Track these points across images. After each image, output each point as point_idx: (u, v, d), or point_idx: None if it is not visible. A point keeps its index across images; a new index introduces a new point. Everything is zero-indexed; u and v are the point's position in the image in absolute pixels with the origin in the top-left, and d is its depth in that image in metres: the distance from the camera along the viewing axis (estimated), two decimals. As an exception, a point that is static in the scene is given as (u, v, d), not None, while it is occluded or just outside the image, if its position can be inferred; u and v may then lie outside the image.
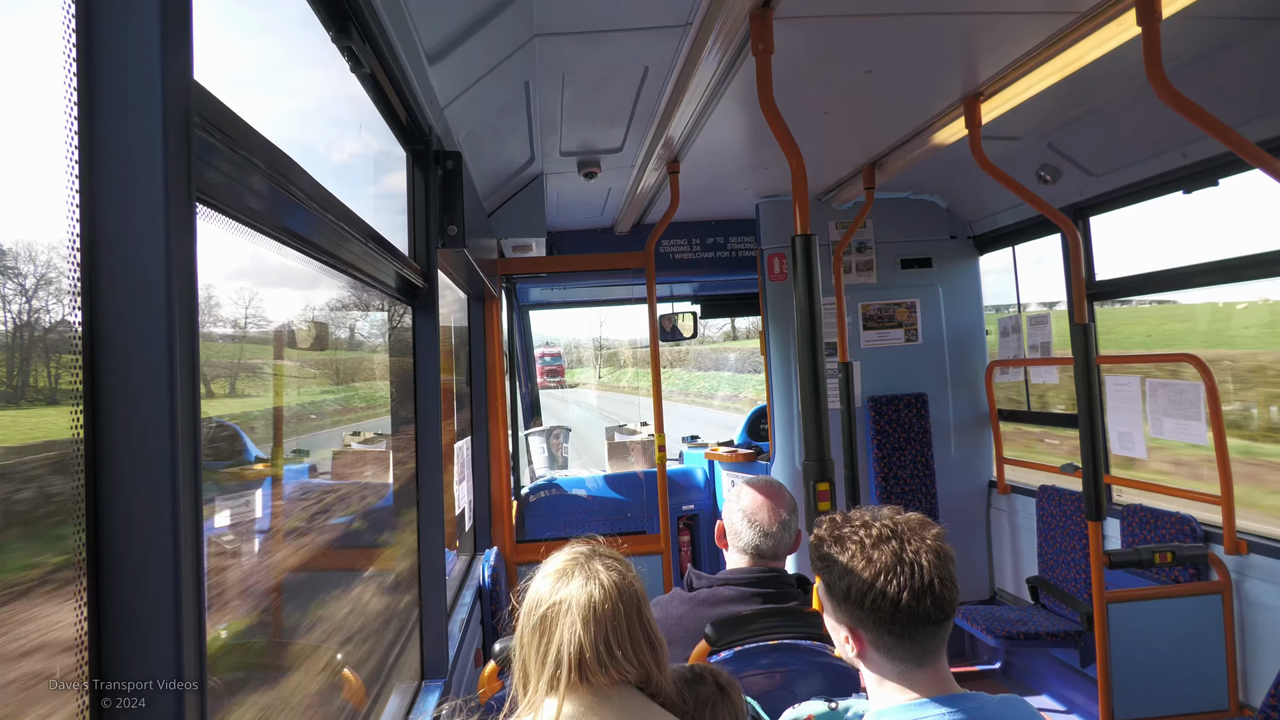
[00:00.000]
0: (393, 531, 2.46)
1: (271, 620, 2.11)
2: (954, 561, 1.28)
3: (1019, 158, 3.80)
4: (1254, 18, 2.42)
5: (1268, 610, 3.00)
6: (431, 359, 2.30)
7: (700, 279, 5.68)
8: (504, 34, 2.22)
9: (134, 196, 0.71)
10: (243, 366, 1.95)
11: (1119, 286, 3.84)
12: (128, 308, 0.71)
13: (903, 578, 1.24)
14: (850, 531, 1.33)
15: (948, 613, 1.26)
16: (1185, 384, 3.27)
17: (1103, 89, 3.03)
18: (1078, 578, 3.92)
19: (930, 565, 1.24)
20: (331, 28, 1.49)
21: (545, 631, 1.31)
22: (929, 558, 1.25)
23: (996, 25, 2.46)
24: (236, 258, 1.27)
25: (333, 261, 1.57)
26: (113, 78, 0.71)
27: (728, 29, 2.23)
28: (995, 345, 4.81)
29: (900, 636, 1.25)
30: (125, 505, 0.71)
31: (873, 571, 1.26)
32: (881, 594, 1.24)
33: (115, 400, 0.71)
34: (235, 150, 0.93)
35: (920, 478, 4.72)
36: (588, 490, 5.23)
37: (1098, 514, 2.96)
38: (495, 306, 4.34)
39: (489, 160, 3.22)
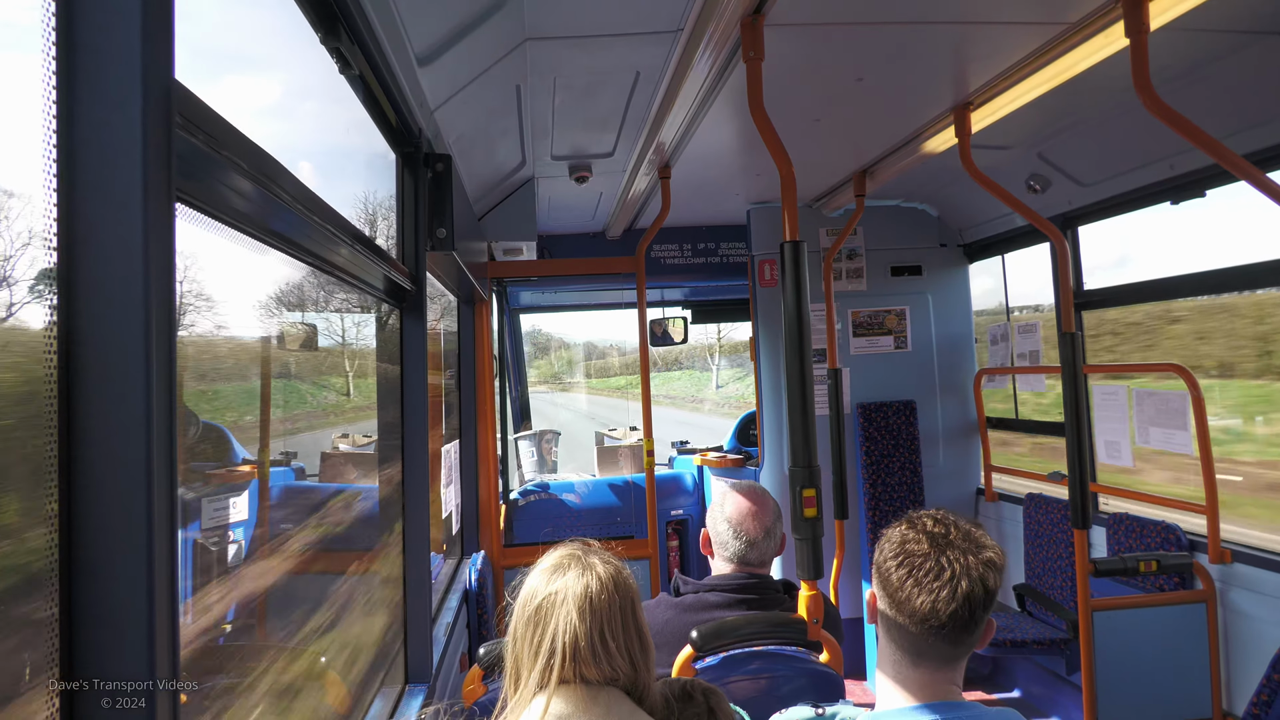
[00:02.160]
0: (378, 534, 2.45)
1: (255, 623, 2.10)
2: (990, 593, 1.26)
3: (1009, 167, 3.82)
4: (1241, 31, 2.44)
5: (1251, 619, 3.01)
6: (419, 362, 2.29)
7: (691, 284, 5.68)
8: (495, 37, 2.22)
9: (113, 195, 0.71)
10: (227, 367, 1.94)
11: (1107, 296, 3.86)
12: (105, 307, 0.71)
13: (941, 591, 1.23)
14: (917, 528, 1.32)
15: (962, 637, 1.26)
16: (1172, 393, 3.28)
17: (1092, 100, 3.04)
18: (1064, 586, 3.93)
19: (965, 590, 1.23)
20: (320, 29, 1.48)
21: (540, 622, 1.31)
22: (970, 578, 1.24)
23: (986, 35, 2.47)
24: (221, 258, 1.26)
25: (319, 263, 1.57)
26: (92, 75, 0.71)
27: (719, 35, 2.24)
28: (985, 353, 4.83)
29: (915, 637, 1.26)
30: (100, 506, 0.70)
31: (912, 570, 1.26)
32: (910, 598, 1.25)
33: (91, 400, 0.70)
34: (218, 151, 0.93)
35: (908, 485, 4.73)
36: (577, 494, 5.22)
37: (1083, 522, 2.96)
38: (485, 310, 4.34)
39: (480, 163, 3.22)
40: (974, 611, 1.23)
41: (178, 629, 0.75)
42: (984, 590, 1.23)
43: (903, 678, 1.30)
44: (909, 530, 1.31)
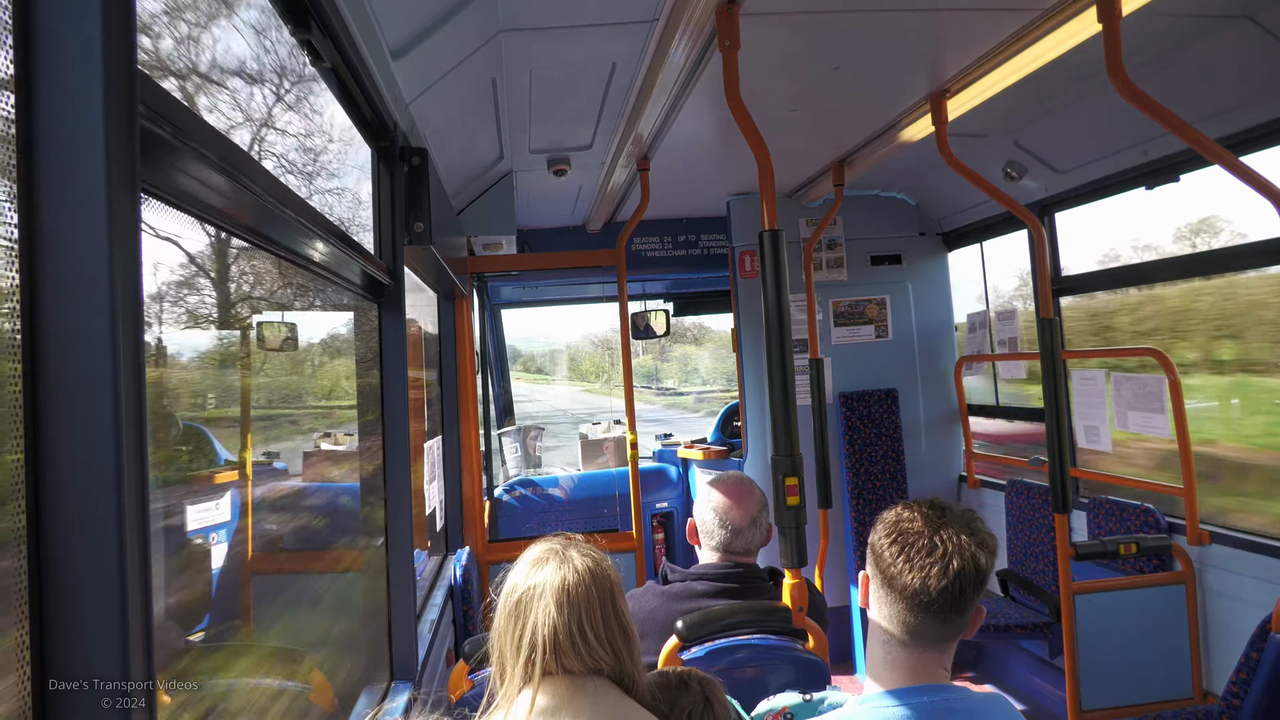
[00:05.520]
0: (361, 532, 2.44)
1: (238, 621, 2.09)
2: (982, 574, 1.27)
3: (985, 155, 3.84)
4: (1211, 15, 2.45)
5: (1230, 599, 3.05)
6: (398, 357, 2.28)
7: (672, 277, 5.68)
8: (469, 29, 2.20)
9: (75, 189, 0.69)
10: (207, 366, 1.93)
11: (1085, 282, 3.89)
12: (70, 305, 0.69)
13: (933, 568, 1.24)
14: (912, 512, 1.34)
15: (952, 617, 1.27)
16: (1149, 377, 3.32)
17: (1066, 86, 3.06)
18: (1046, 570, 3.97)
19: (957, 568, 1.24)
20: (290, 21, 1.46)
21: (520, 616, 1.32)
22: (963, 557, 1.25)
23: (960, 22, 2.48)
24: (192, 252, 1.25)
25: (293, 257, 1.55)
26: (53, 65, 0.69)
27: (694, 25, 2.23)
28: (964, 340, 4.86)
29: (905, 614, 1.27)
30: (70, 506, 0.69)
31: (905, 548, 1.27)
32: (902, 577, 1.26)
33: (57, 401, 0.69)
34: (185, 142, 0.91)
35: (891, 473, 4.76)
36: (561, 489, 5.22)
37: (1064, 507, 2.99)
38: (466, 305, 4.31)
39: (457, 157, 3.20)
40: (964, 590, 1.24)
41: (150, 627, 0.74)
42: (975, 569, 1.24)
43: (891, 659, 1.31)
44: (905, 511, 1.32)
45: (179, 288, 1.60)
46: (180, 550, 1.85)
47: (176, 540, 1.81)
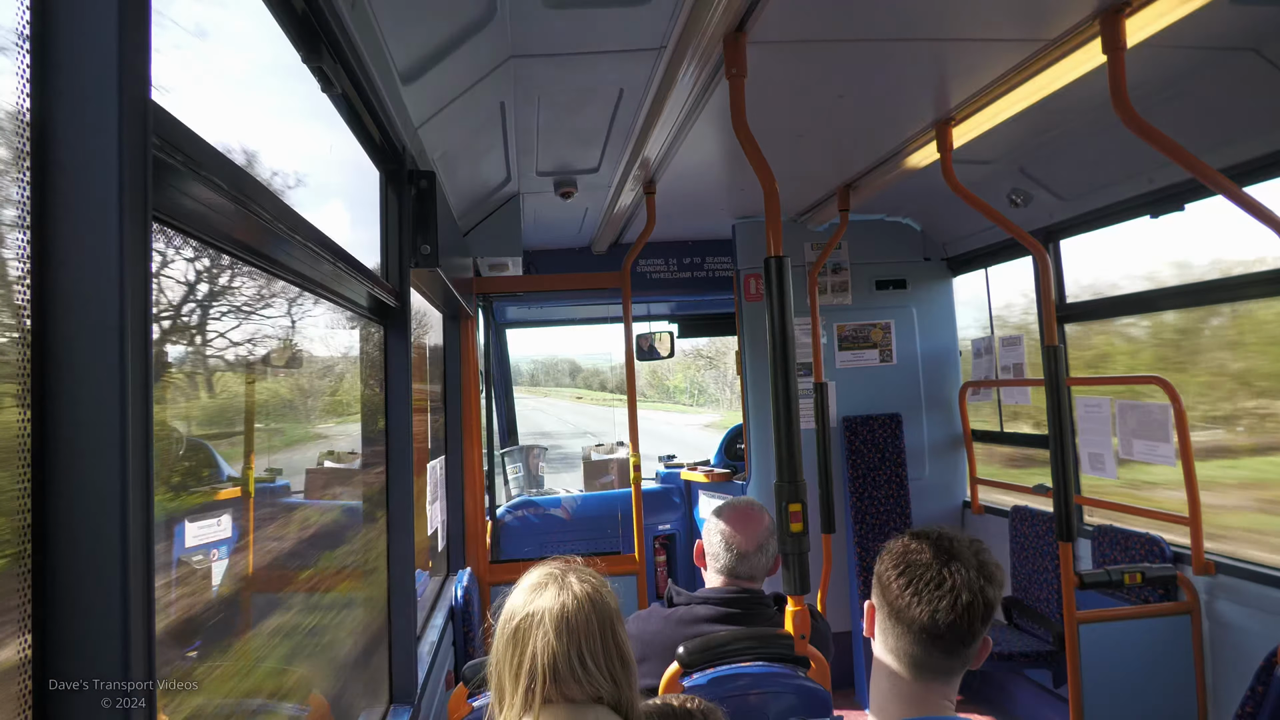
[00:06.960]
0: (362, 551, 2.44)
1: (237, 641, 2.08)
2: (990, 607, 1.27)
3: (991, 181, 3.85)
4: (1216, 48, 2.47)
5: (1236, 630, 3.02)
6: (403, 378, 2.28)
7: (677, 299, 5.69)
8: (479, 55, 2.22)
9: (88, 219, 0.70)
10: (213, 384, 1.93)
11: (1089, 309, 3.89)
12: (79, 329, 0.70)
13: (941, 601, 1.24)
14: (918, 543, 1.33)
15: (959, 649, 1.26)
16: (1154, 405, 3.31)
17: (1072, 115, 3.08)
18: (1050, 598, 3.94)
19: (966, 601, 1.24)
20: (301, 48, 1.48)
21: (519, 643, 1.31)
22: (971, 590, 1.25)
23: (966, 52, 2.50)
24: (201, 276, 1.26)
25: (301, 281, 1.56)
26: (68, 99, 0.70)
27: (702, 52, 2.25)
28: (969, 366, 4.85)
29: (911, 647, 1.26)
30: (76, 518, 0.70)
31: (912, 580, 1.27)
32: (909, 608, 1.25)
33: (65, 423, 0.70)
34: (197, 172, 0.92)
35: (895, 499, 4.74)
36: (564, 510, 5.21)
37: (1068, 535, 2.98)
38: (471, 325, 4.33)
39: (464, 180, 3.22)
40: (973, 623, 1.23)
41: (152, 626, 0.74)
42: (984, 603, 1.24)
43: (896, 691, 1.30)
44: (912, 541, 1.31)
45: (184, 307, 1.61)
46: (178, 566, 1.85)
47: (174, 556, 1.80)
